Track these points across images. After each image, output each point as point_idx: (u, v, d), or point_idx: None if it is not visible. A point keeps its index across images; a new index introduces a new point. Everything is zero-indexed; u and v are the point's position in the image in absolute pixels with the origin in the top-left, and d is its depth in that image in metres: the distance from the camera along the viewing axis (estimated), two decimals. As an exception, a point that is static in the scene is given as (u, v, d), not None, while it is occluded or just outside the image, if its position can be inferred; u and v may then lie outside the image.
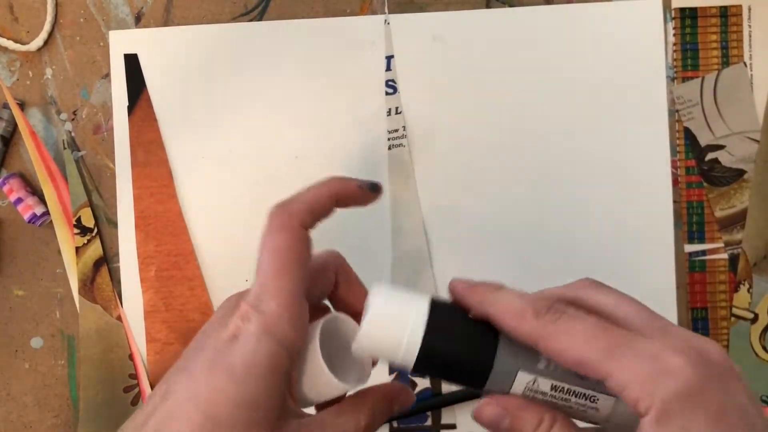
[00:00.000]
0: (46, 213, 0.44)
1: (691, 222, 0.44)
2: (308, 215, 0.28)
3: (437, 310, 0.27)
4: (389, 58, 0.44)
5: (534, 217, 0.44)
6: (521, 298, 0.26)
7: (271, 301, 0.26)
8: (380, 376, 0.43)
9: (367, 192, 0.31)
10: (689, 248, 0.44)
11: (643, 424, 0.23)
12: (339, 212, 0.44)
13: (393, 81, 0.44)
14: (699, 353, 0.24)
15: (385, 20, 0.44)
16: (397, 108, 0.44)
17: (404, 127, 0.44)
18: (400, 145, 0.44)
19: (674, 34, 0.44)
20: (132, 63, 0.44)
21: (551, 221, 0.44)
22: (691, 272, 0.44)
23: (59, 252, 0.45)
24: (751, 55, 0.44)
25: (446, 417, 0.44)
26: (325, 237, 0.44)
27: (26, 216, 0.44)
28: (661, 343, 0.24)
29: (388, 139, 0.44)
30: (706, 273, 0.44)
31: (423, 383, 0.44)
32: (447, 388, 0.43)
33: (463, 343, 0.26)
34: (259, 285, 0.27)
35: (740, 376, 0.25)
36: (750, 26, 0.44)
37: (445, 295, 0.28)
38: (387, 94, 0.44)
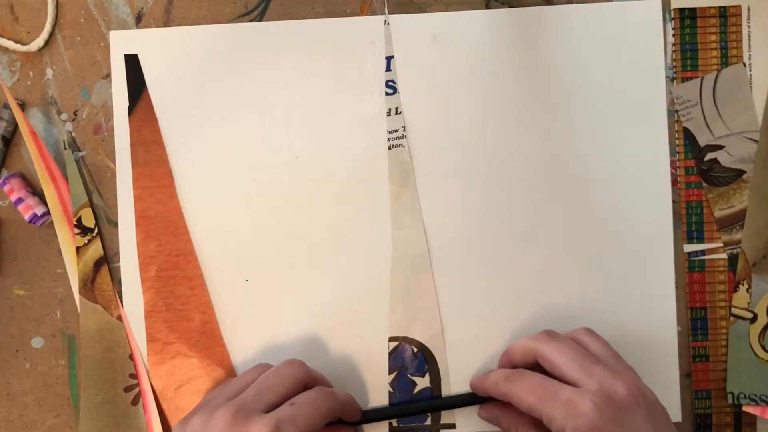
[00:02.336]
0: (47, 213, 0.44)
1: (691, 222, 0.44)
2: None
3: None
4: (389, 58, 0.44)
5: (534, 217, 0.44)
6: (497, 373, 0.39)
7: None
8: (381, 375, 0.44)
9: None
10: (688, 248, 0.44)
11: None
12: (338, 213, 0.44)
13: (393, 81, 0.44)
14: (606, 395, 0.34)
15: (385, 20, 0.44)
16: (397, 108, 0.44)
17: (404, 127, 0.44)
18: (400, 145, 0.44)
19: (673, 35, 0.44)
20: (132, 63, 0.44)
21: (551, 221, 0.44)
22: (690, 272, 0.44)
23: (60, 252, 0.45)
24: (750, 55, 0.44)
25: (446, 417, 0.44)
26: (325, 238, 0.44)
27: (27, 216, 0.44)
28: (579, 391, 0.35)
29: (388, 139, 0.44)
30: (705, 273, 0.44)
31: (423, 383, 0.44)
32: (446, 389, 0.44)
33: None
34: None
35: (642, 403, 0.35)
36: (749, 26, 0.44)
37: (444, 293, 0.28)
38: (387, 94, 0.44)
